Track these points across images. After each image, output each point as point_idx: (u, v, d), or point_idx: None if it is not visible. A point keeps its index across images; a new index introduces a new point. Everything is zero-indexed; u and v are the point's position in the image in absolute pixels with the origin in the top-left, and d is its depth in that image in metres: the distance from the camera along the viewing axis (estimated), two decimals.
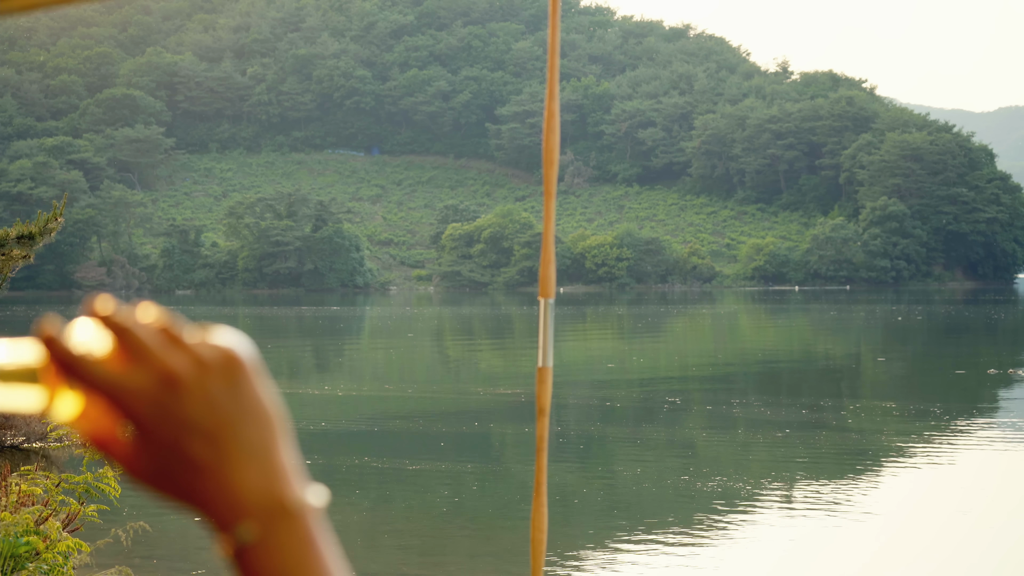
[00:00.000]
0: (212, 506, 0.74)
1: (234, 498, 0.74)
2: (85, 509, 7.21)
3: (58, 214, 11.33)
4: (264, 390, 0.76)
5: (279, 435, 0.76)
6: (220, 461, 0.73)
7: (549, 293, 1.48)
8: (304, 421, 22.39)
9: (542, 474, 1.46)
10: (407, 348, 45.13)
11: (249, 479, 0.74)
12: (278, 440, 0.76)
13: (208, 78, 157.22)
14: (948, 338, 48.09)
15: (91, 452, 0.87)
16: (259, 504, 0.74)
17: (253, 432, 0.75)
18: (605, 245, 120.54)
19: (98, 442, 0.75)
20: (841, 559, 12.39)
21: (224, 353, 0.75)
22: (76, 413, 0.75)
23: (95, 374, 0.73)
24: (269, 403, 0.76)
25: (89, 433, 0.75)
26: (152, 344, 0.74)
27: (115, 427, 0.74)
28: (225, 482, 0.74)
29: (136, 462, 0.74)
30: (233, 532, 0.74)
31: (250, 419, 0.75)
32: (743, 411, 23.59)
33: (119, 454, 0.74)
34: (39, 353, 0.75)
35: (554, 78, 1.45)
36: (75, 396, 0.75)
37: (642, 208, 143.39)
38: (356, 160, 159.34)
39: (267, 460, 0.75)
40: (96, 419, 0.74)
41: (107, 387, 0.73)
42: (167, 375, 0.74)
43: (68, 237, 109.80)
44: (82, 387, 0.74)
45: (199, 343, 0.75)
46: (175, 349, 0.74)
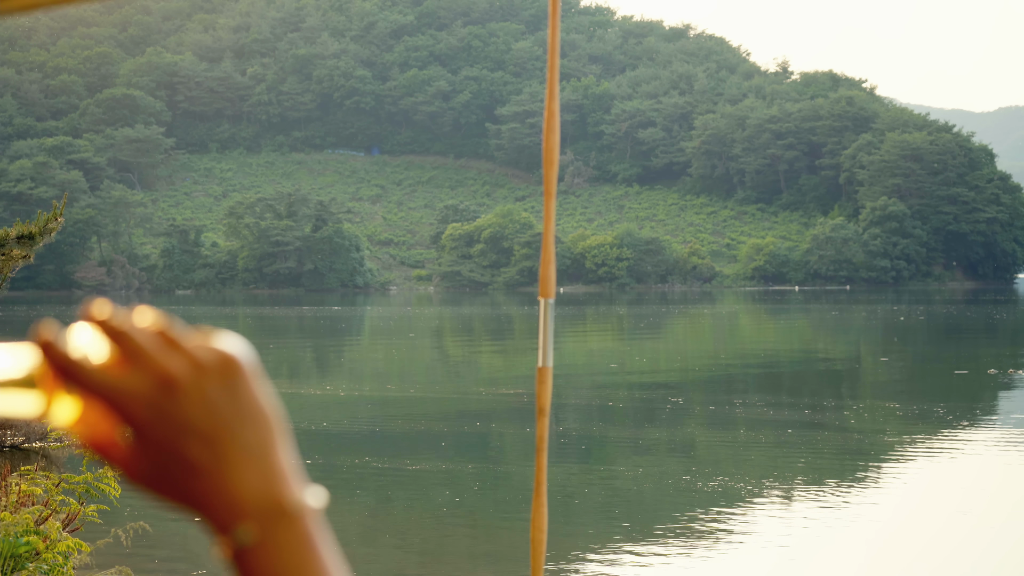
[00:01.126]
0: (211, 508, 0.74)
1: (233, 500, 0.74)
2: (85, 509, 7.21)
3: (58, 214, 11.33)
4: (262, 392, 0.76)
5: (277, 437, 0.76)
6: (218, 463, 0.73)
7: (549, 293, 1.48)
8: (305, 421, 22.39)
9: (542, 474, 1.46)
10: (408, 348, 45.13)
11: (247, 481, 0.74)
12: (276, 442, 0.76)
13: (208, 78, 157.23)
14: (948, 338, 48.08)
15: (90, 455, 0.84)
16: (258, 506, 0.74)
17: (251, 434, 0.75)
18: (605, 245, 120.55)
19: (96, 446, 0.75)
20: (841, 559, 12.39)
21: (221, 356, 0.75)
22: (74, 418, 0.75)
23: (92, 378, 0.73)
24: (267, 405, 0.76)
25: (87, 438, 0.75)
26: (149, 347, 0.74)
27: (113, 431, 0.74)
28: (223, 484, 0.74)
29: (135, 465, 0.74)
30: (232, 534, 0.74)
31: (248, 421, 0.75)
32: (744, 411, 23.59)
33: (117, 458, 0.75)
34: (37, 358, 0.75)
35: (554, 78, 1.45)
36: (73, 401, 0.75)
37: (642, 208, 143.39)
38: (356, 160, 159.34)
39: (265, 462, 0.75)
40: (94, 423, 0.74)
41: (104, 390, 0.73)
42: (164, 378, 0.74)
43: (68, 237, 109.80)
44: (80, 391, 0.74)
45: (196, 346, 0.75)
46: (172, 352, 0.75)
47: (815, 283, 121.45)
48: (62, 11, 14.88)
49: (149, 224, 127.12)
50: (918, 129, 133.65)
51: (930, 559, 12.57)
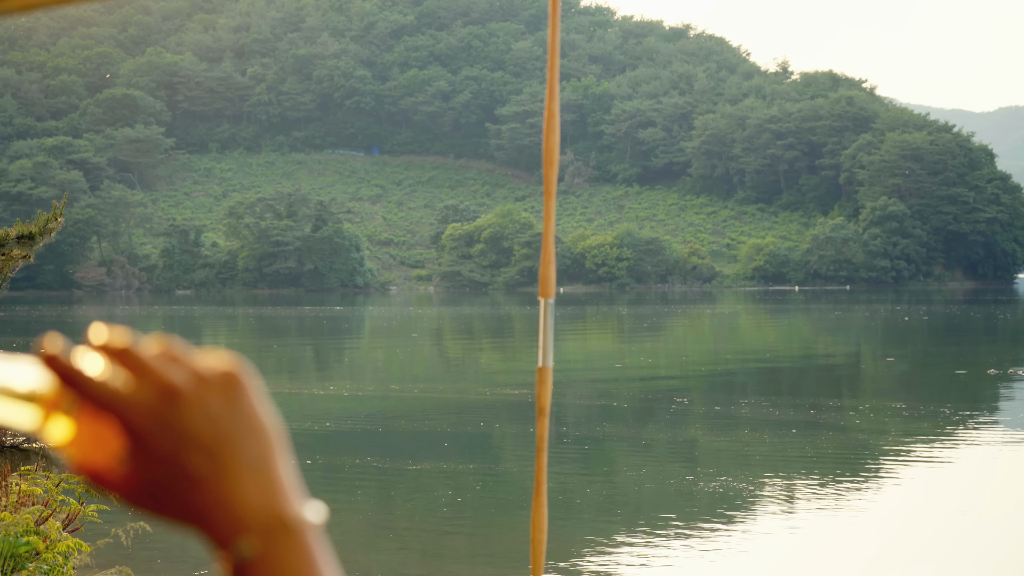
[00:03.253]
0: (211, 521, 0.74)
1: (233, 513, 0.74)
2: (85, 509, 7.20)
3: (58, 214, 11.33)
4: (262, 407, 0.77)
5: (278, 451, 0.76)
6: (219, 475, 0.74)
7: (549, 293, 1.48)
8: (307, 421, 22.38)
9: (542, 474, 1.46)
10: (409, 348, 45.11)
11: (248, 494, 0.74)
12: (277, 456, 0.76)
13: (208, 78, 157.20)
14: (948, 338, 48.07)
15: (83, 482, 0.79)
16: (259, 519, 0.75)
17: (252, 447, 0.75)
18: (605, 245, 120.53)
19: (89, 470, 0.75)
20: (841, 559, 12.39)
21: (222, 369, 0.76)
22: (68, 437, 0.75)
23: (96, 386, 0.74)
24: (267, 419, 0.77)
25: (80, 460, 0.75)
26: (151, 360, 0.75)
27: (107, 455, 0.74)
28: (224, 496, 0.74)
29: (133, 484, 0.75)
30: (233, 548, 0.75)
31: (249, 434, 0.75)
32: (744, 411, 23.58)
33: (113, 481, 0.75)
34: (40, 370, 0.75)
35: (554, 78, 1.45)
36: (69, 421, 0.75)
37: (642, 208, 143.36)
38: (356, 160, 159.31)
39: (266, 475, 0.75)
40: (88, 446, 0.75)
41: (108, 399, 0.74)
42: (166, 388, 0.75)
43: (68, 237, 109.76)
44: (82, 401, 0.74)
45: (197, 360, 0.76)
46: (174, 365, 0.76)
47: (815, 283, 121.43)
48: (62, 11, 14.88)
49: (149, 224, 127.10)
50: (918, 129, 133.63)
51: (930, 559, 12.56)
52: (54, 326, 54.11)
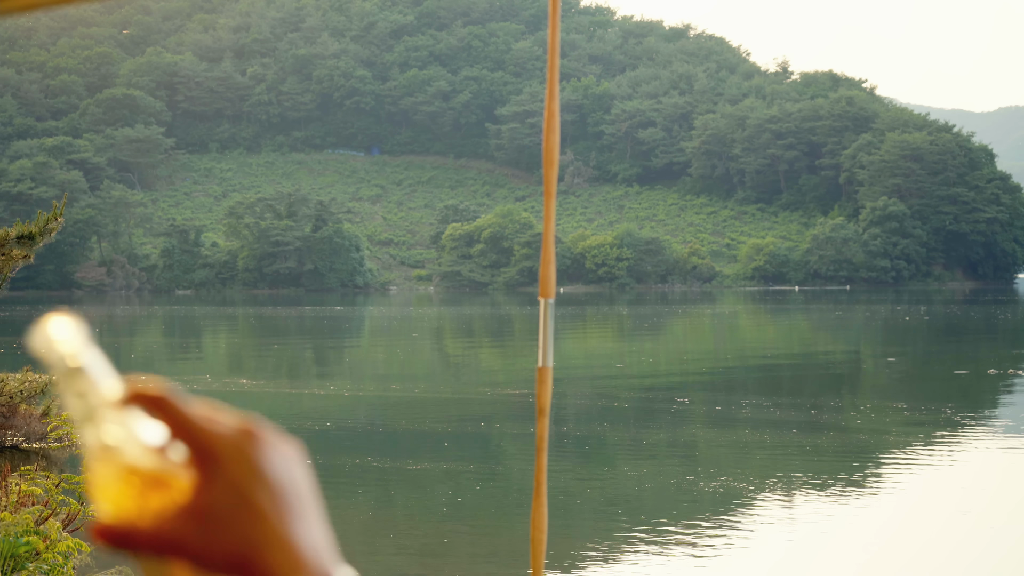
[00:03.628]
0: (255, 570, 0.70)
1: (276, 566, 0.70)
2: (85, 509, 7.20)
3: (58, 214, 11.33)
4: (300, 468, 0.74)
5: (312, 513, 0.74)
6: (280, 516, 0.72)
7: (549, 293, 1.48)
8: (307, 421, 22.39)
9: (542, 474, 1.45)
10: (409, 348, 45.12)
11: (285, 557, 0.72)
12: (312, 518, 0.74)
13: (208, 78, 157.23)
14: (948, 338, 48.07)
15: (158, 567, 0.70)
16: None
17: (287, 509, 0.72)
18: (605, 245, 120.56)
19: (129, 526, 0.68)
20: (841, 559, 12.39)
21: (257, 432, 0.74)
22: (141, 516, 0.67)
23: (199, 422, 0.71)
24: (304, 481, 0.75)
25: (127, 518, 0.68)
26: (198, 419, 0.72)
27: (161, 500, 0.68)
28: (266, 561, 0.70)
29: (185, 522, 0.69)
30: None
31: (285, 496, 0.73)
32: (744, 411, 23.58)
33: (152, 530, 0.68)
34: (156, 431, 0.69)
35: (554, 78, 1.45)
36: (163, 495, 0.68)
37: (642, 208, 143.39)
38: (356, 160, 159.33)
39: (302, 539, 0.72)
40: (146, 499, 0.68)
41: (202, 438, 0.70)
42: (246, 430, 0.72)
43: (68, 237, 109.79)
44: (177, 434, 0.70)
45: (233, 422, 0.74)
46: (216, 425, 0.72)
47: (815, 283, 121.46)
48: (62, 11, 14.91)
49: (149, 224, 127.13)
50: (918, 129, 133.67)
51: (930, 559, 12.56)
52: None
